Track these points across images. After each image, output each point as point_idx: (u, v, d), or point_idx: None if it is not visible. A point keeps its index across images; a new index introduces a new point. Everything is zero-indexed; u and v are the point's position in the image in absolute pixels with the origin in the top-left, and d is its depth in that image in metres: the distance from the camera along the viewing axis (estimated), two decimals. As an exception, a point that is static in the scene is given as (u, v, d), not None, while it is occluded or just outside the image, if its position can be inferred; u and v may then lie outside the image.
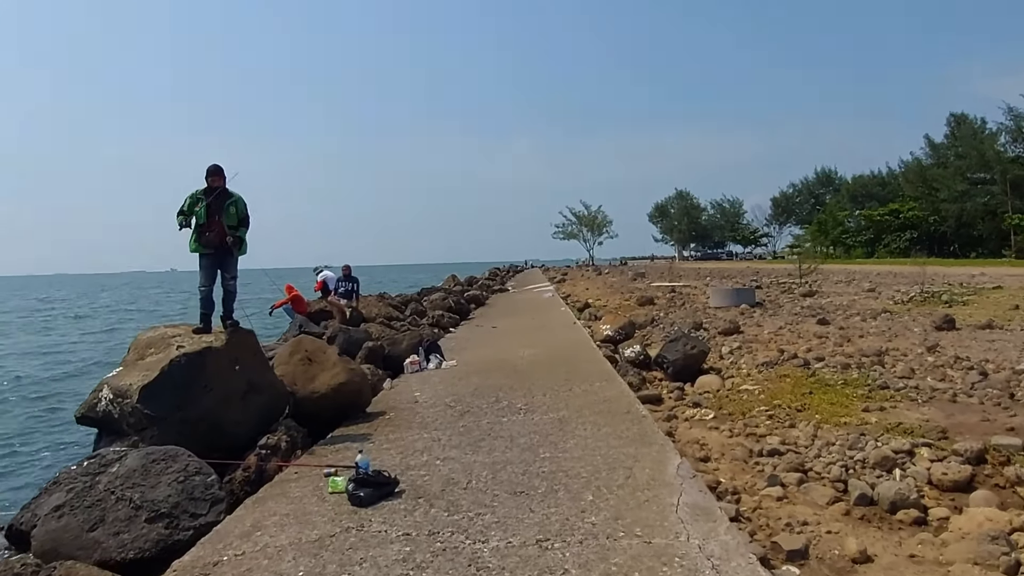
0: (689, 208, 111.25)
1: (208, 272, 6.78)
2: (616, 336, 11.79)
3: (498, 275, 50.73)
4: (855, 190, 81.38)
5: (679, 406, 7.64)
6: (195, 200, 6.75)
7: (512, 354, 10.84)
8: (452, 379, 9.10)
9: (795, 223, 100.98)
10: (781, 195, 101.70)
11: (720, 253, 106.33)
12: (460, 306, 19.67)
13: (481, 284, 34.46)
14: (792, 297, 20.94)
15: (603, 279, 43.38)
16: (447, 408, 7.28)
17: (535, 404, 6.98)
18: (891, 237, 64.72)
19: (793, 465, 5.34)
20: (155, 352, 6.27)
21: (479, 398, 7.61)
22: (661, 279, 39.80)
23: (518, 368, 9.39)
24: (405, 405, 7.69)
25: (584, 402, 6.80)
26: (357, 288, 15.05)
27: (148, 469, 4.93)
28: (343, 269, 15.22)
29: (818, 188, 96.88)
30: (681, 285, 31.54)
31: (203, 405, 6.00)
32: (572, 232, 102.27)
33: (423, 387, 8.72)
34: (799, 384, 8.12)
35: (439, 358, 10.43)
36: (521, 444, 5.46)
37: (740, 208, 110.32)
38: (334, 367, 7.27)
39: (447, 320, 16.53)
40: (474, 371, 9.54)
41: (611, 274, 51.62)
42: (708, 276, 40.99)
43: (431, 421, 6.72)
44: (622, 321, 12.06)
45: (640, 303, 21.79)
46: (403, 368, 10.15)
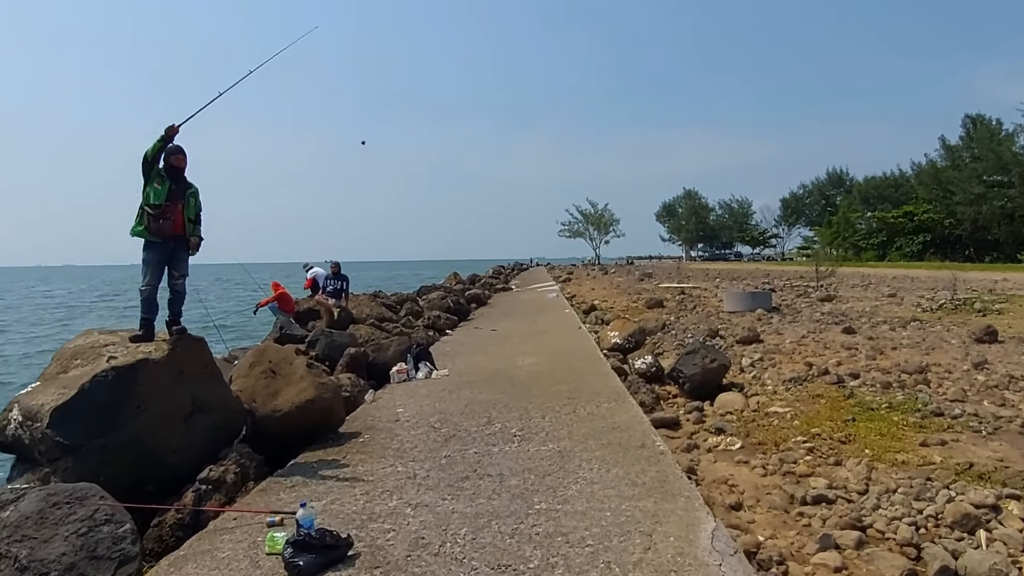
0: (697, 208, 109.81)
1: (155, 268, 5.74)
2: (625, 344, 10.76)
3: (502, 273, 49.67)
4: (867, 191, 79.81)
5: (699, 432, 6.62)
6: (157, 174, 5.70)
7: (510, 363, 9.82)
8: (441, 392, 8.09)
9: (804, 224, 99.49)
10: (791, 196, 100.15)
11: (728, 254, 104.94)
12: (459, 307, 18.65)
13: (484, 282, 33.41)
14: (810, 302, 19.85)
15: (609, 279, 42.33)
16: (431, 430, 6.27)
17: (532, 429, 5.96)
18: (904, 240, 63.32)
19: (848, 520, 4.32)
20: (81, 364, 5.28)
21: (469, 418, 6.60)
22: (669, 280, 38.73)
23: (516, 381, 8.37)
24: (384, 424, 6.69)
25: (590, 429, 5.78)
26: (346, 287, 14.05)
27: (45, 516, 3.94)
28: (331, 266, 14.23)
29: (829, 189, 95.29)
30: (690, 287, 30.47)
31: (133, 429, 4.99)
32: (578, 230, 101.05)
33: (408, 401, 7.72)
34: (836, 407, 7.08)
35: (429, 367, 9.43)
36: (512, 488, 4.44)
37: (749, 208, 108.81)
38: (300, 381, 6.27)
39: (444, 322, 15.52)
40: (467, 383, 8.53)
41: (617, 273, 50.56)
42: (717, 277, 39.90)
43: (410, 448, 5.71)
44: (631, 328, 11.04)
45: (648, 305, 20.76)
46: (389, 377, 9.17)
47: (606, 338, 11.19)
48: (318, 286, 14.46)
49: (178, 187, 5.78)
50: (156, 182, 5.65)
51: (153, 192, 5.63)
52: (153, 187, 5.63)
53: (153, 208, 5.62)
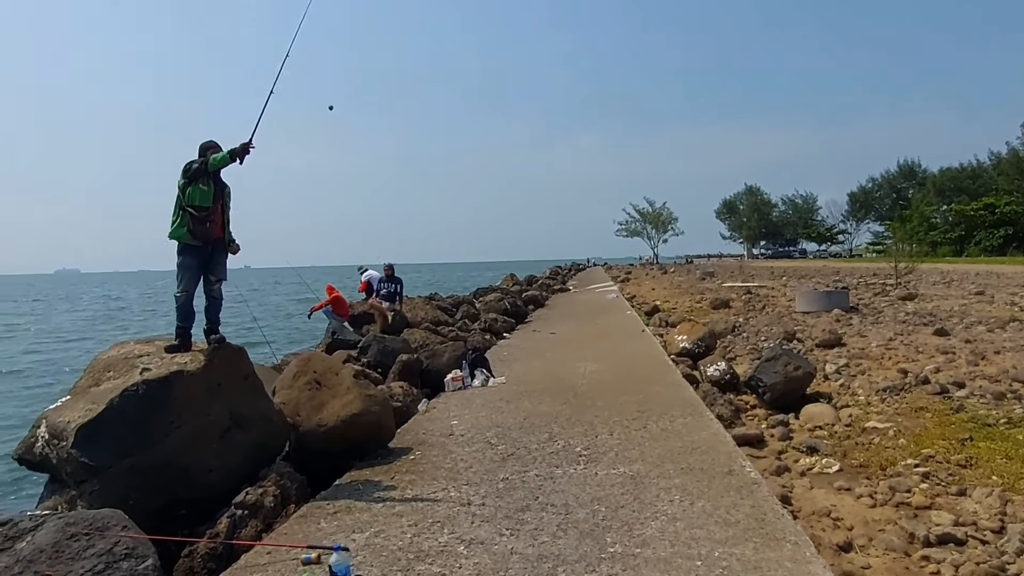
0: (759, 204, 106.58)
1: (193, 273, 5.37)
2: (694, 349, 10.01)
3: (559, 274, 48.95)
4: (942, 183, 75.90)
5: (788, 451, 5.88)
6: (200, 172, 5.32)
7: (571, 369, 9.21)
8: (499, 402, 7.55)
9: (874, 219, 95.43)
10: (859, 190, 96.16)
11: (792, 251, 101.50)
12: (516, 308, 18.10)
13: (541, 283, 32.80)
14: (890, 301, 18.56)
15: (669, 278, 41.19)
16: (487, 447, 5.73)
17: (599, 448, 5.34)
18: (984, 234, 59.82)
19: (988, 569, 3.58)
20: (113, 376, 4.93)
21: (528, 433, 6.02)
22: (732, 279, 37.39)
23: (578, 390, 7.76)
24: (437, 439, 6.18)
25: (665, 449, 5.12)
26: (400, 289, 13.67)
27: (60, 550, 3.55)
28: (385, 269, 13.87)
29: (900, 182, 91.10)
30: (756, 285, 29.21)
31: (165, 448, 4.61)
32: (636, 230, 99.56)
33: (463, 412, 7.21)
34: (945, 422, 6.23)
35: (486, 374, 8.90)
36: (580, 522, 3.84)
37: (814, 204, 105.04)
38: (347, 393, 5.81)
39: (501, 325, 15.00)
40: (525, 392, 7.97)
41: (677, 273, 49.25)
42: (784, 275, 38.34)
43: (464, 468, 5.18)
44: (700, 331, 10.28)
45: (714, 306, 19.82)
46: (444, 385, 8.68)
47: (673, 342, 10.46)
48: (372, 289, 14.14)
49: (218, 186, 5.41)
50: (202, 183, 5.28)
51: (199, 193, 5.25)
52: (199, 188, 5.26)
53: (199, 210, 5.25)
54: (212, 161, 5.21)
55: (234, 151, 5.18)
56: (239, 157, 5.20)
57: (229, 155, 5.19)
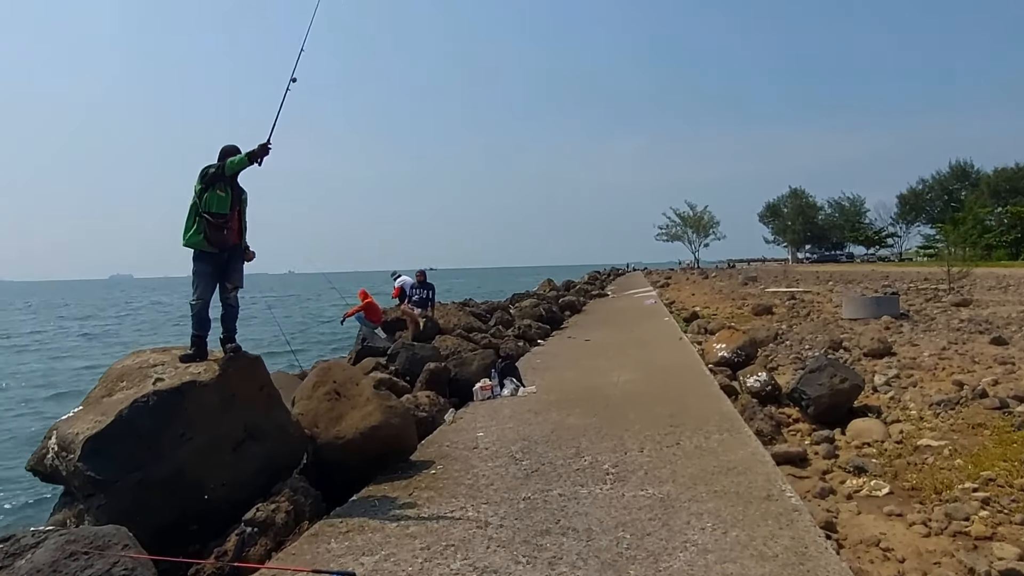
0: (804, 207, 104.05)
1: (209, 280, 5.25)
2: (734, 358, 9.60)
3: (598, 279, 48.50)
4: (997, 184, 73.07)
5: (834, 471, 5.48)
6: (217, 177, 5.21)
7: (604, 379, 8.90)
8: (527, 413, 7.30)
9: (925, 222, 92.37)
10: (909, 191, 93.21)
11: (839, 255, 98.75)
12: (552, 315, 17.81)
13: (579, 289, 32.46)
14: (943, 307, 17.73)
15: (710, 283, 40.40)
16: (511, 462, 5.48)
17: (628, 465, 5.04)
18: (1044, 237, 57.34)
19: (1061, 612, 3.18)
20: (126, 386, 4.82)
21: (555, 448, 5.75)
22: (776, 284, 36.46)
23: (610, 401, 7.46)
24: (461, 452, 5.96)
25: (698, 469, 4.79)
26: (432, 296, 13.52)
27: (58, 568, 3.42)
28: (417, 275, 13.73)
29: (952, 183, 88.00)
30: (801, 291, 28.37)
31: (175, 461, 4.47)
32: (676, 234, 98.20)
33: (490, 423, 6.97)
34: (1006, 440, 5.76)
35: (515, 383, 8.65)
36: (602, 551, 3.55)
37: (861, 207, 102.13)
38: (367, 404, 5.63)
39: (535, 331, 14.74)
40: (555, 402, 7.70)
41: (718, 278, 48.32)
42: (830, 280, 37.27)
43: (485, 485, 4.94)
44: (740, 339, 9.86)
45: (756, 312, 19.24)
46: (472, 394, 8.46)
47: (711, 350, 10.06)
48: (405, 295, 14.02)
49: (236, 192, 5.29)
50: (219, 188, 5.16)
51: (216, 200, 5.14)
52: (216, 194, 5.14)
53: (216, 217, 5.13)
54: (229, 165, 5.09)
55: (252, 153, 5.05)
56: (257, 159, 5.08)
57: (247, 157, 5.07)
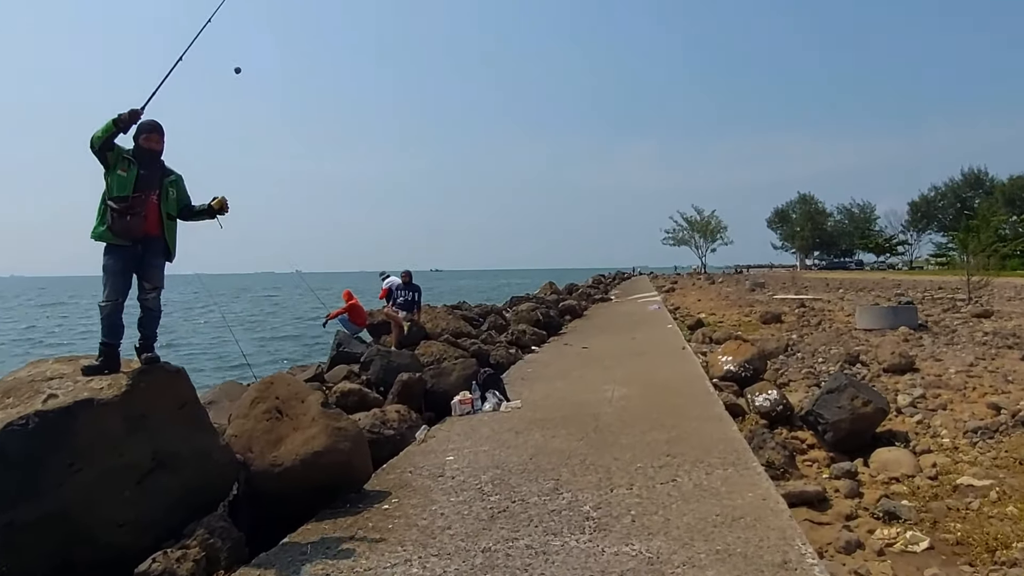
0: (813, 213, 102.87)
1: (119, 278, 4.42)
2: (741, 373, 8.74)
3: (602, 283, 47.58)
4: (1012, 193, 71.90)
5: (859, 515, 4.63)
6: (119, 157, 4.41)
7: (597, 394, 8.06)
8: (507, 433, 6.48)
9: (936, 230, 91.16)
10: (921, 199, 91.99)
11: (848, 262, 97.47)
12: (549, 320, 16.96)
13: (581, 292, 31.58)
14: (963, 318, 16.81)
15: (716, 289, 39.52)
16: (478, 496, 4.66)
17: (614, 508, 4.20)
18: (1059, 247, 56.06)
19: None
20: (12, 403, 4.01)
21: (531, 480, 4.92)
22: (784, 290, 35.53)
23: (601, 422, 6.62)
24: (423, 481, 5.14)
25: (697, 516, 3.95)
26: (418, 298, 12.69)
27: None
28: (403, 275, 12.92)
29: (965, 191, 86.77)
30: (810, 298, 27.45)
31: (59, 498, 3.66)
32: (683, 238, 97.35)
33: (464, 445, 6.16)
34: (1062, 481, 4.89)
35: (499, 397, 7.83)
36: (568, 639, 2.73)
37: (872, 213, 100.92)
38: (311, 425, 4.81)
39: (529, 337, 13.91)
40: (540, 420, 6.87)
41: (725, 283, 47.43)
42: (840, 288, 36.28)
43: (442, 528, 4.11)
44: (748, 351, 9.00)
45: (764, 320, 18.36)
46: (450, 408, 7.65)
47: (716, 363, 9.21)
48: (392, 297, 13.21)
49: (150, 173, 4.45)
50: (121, 168, 4.34)
51: (117, 181, 4.32)
52: (116, 175, 4.32)
53: (117, 201, 4.31)
54: (93, 138, 4.24)
55: (119, 118, 4.20)
56: (123, 126, 4.23)
57: (113, 123, 4.22)
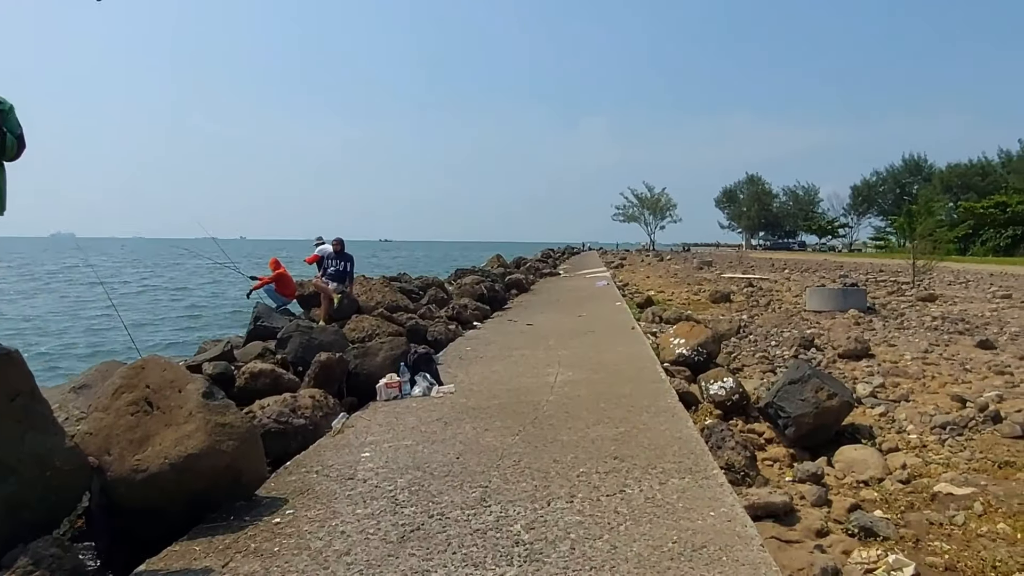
0: (760, 194, 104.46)
1: None
2: (694, 357, 8.14)
3: (551, 257, 47.05)
4: (950, 180, 74.02)
5: (831, 530, 4.03)
6: None
7: (539, 378, 7.35)
8: (434, 423, 5.71)
9: (876, 214, 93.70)
10: (862, 183, 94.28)
11: (791, 243, 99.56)
12: (494, 294, 16.19)
13: (529, 266, 30.88)
14: (909, 302, 16.75)
15: (665, 266, 39.44)
16: (390, 507, 3.88)
17: (550, 529, 3.48)
18: (992, 233, 58.03)
19: None
20: None
21: (455, 486, 4.16)
22: (731, 269, 35.64)
23: (541, 412, 5.90)
24: (329, 484, 4.34)
25: (650, 543, 3.25)
26: (351, 268, 11.71)
27: None
28: (334, 244, 11.88)
29: (905, 177, 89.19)
30: (757, 278, 27.41)
31: None
32: (633, 215, 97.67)
33: (384, 438, 5.36)
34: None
35: (430, 381, 7.04)
36: None
37: (816, 196, 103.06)
38: (188, 421, 3.94)
39: (471, 312, 13.12)
40: (473, 409, 6.12)
41: (674, 260, 47.53)
42: (785, 268, 36.64)
43: (339, 552, 3.33)
44: (702, 335, 8.41)
45: (713, 299, 18.01)
46: (376, 392, 6.83)
47: (668, 346, 8.60)
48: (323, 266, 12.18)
49: None
50: None
51: None
52: None
53: None
54: None
55: None
56: None
57: None
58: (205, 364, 7.01)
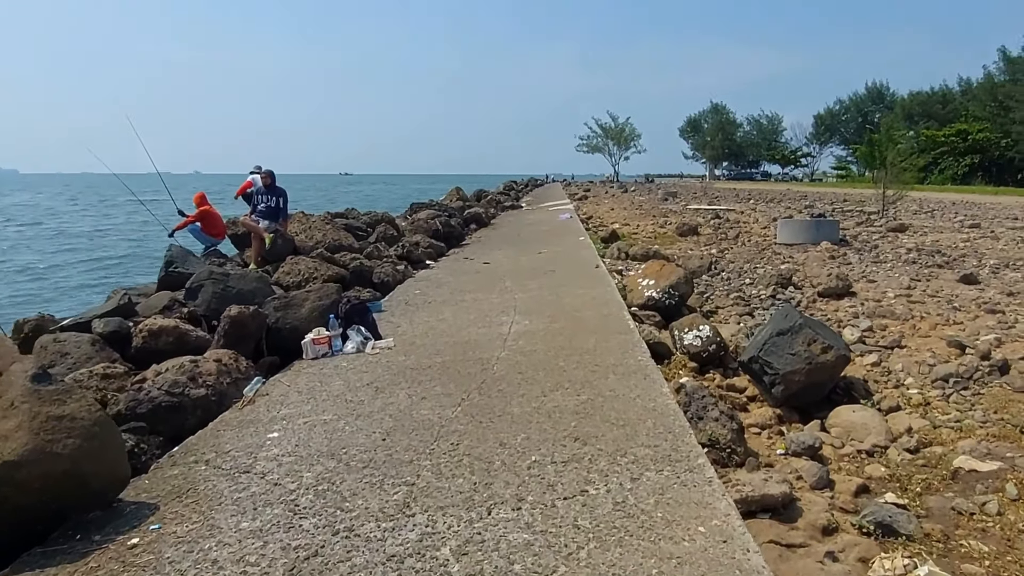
0: (724, 123, 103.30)
1: None
2: (664, 300, 7.31)
3: (513, 189, 45.68)
4: (911, 108, 73.71)
5: (841, 528, 3.26)
6: None
7: (491, 328, 6.46)
8: (364, 389, 4.81)
9: (838, 143, 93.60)
10: (826, 112, 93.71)
11: (754, 173, 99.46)
12: (450, 230, 15.15)
13: (490, 199, 29.65)
14: (879, 233, 16.20)
15: (629, 198, 38.62)
16: (286, 518, 3.00)
17: (486, 554, 2.63)
18: (950, 162, 58.18)
19: None
20: None
21: (373, 486, 3.28)
22: (696, 200, 34.98)
23: (490, 373, 5.03)
24: (218, 481, 3.43)
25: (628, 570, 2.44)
26: (284, 204, 10.50)
27: None
28: (263, 178, 10.59)
29: (867, 105, 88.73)
30: (724, 209, 26.75)
31: None
32: (597, 145, 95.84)
33: (299, 412, 4.44)
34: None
35: (364, 335, 6.10)
36: None
37: (779, 125, 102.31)
38: (8, 416, 2.96)
39: (424, 251, 12.11)
40: (411, 370, 5.22)
41: (638, 192, 46.72)
42: (750, 198, 36.12)
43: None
44: (673, 275, 7.56)
45: (680, 232, 17.24)
46: (301, 350, 5.88)
47: (636, 287, 7.75)
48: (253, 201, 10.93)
49: None
50: None
51: None
52: None
53: None
54: None
55: None
56: None
57: None
58: (96, 321, 5.97)
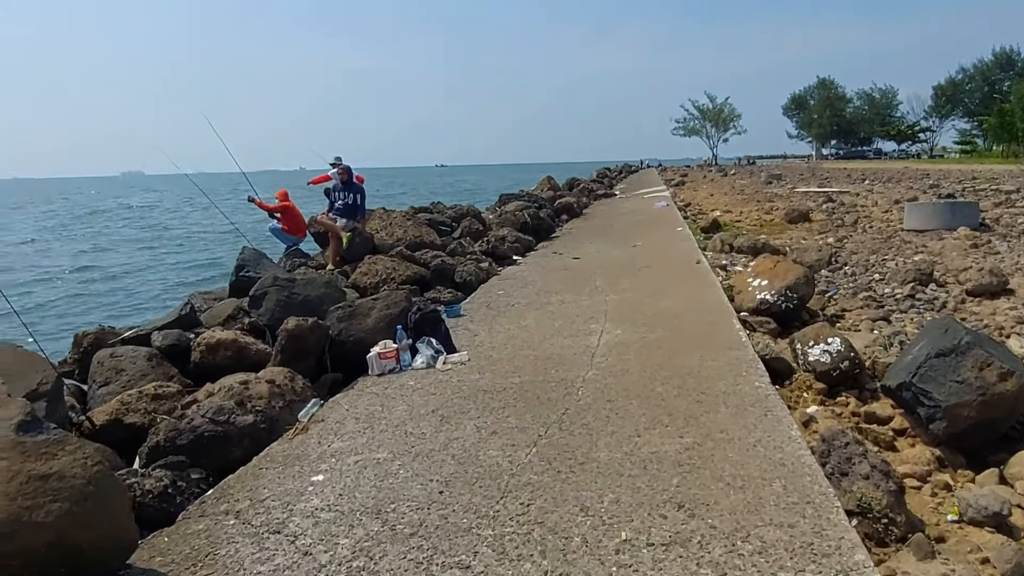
0: (832, 99, 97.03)
1: None
2: (780, 303, 6.28)
3: (606, 177, 44.44)
4: (1049, 73, 66.62)
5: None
6: None
7: (578, 338, 5.68)
8: (426, 420, 4.16)
9: (961, 115, 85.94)
10: (947, 82, 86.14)
11: (866, 151, 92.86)
12: (538, 222, 14.42)
13: (582, 188, 28.71)
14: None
15: (729, 182, 36.55)
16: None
17: None
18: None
19: None
20: None
21: (419, 563, 2.61)
22: (804, 183, 32.58)
23: (574, 399, 4.26)
24: (240, 544, 2.86)
25: None
26: (362, 201, 10.06)
27: None
28: (340, 173, 10.17)
29: (995, 72, 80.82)
30: (836, 191, 24.63)
31: None
32: (694, 128, 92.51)
33: (355, 443, 3.85)
34: None
35: (435, 348, 5.46)
36: None
37: (894, 99, 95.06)
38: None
39: (510, 245, 11.45)
40: (484, 393, 4.53)
41: (739, 175, 44.30)
42: (865, 179, 33.29)
43: None
44: (791, 274, 6.50)
45: (790, 219, 15.76)
46: (367, 365, 5.32)
47: (745, 289, 6.74)
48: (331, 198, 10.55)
49: None
50: None
51: None
52: None
53: None
54: None
55: None
56: None
57: None
58: (155, 334, 5.62)
